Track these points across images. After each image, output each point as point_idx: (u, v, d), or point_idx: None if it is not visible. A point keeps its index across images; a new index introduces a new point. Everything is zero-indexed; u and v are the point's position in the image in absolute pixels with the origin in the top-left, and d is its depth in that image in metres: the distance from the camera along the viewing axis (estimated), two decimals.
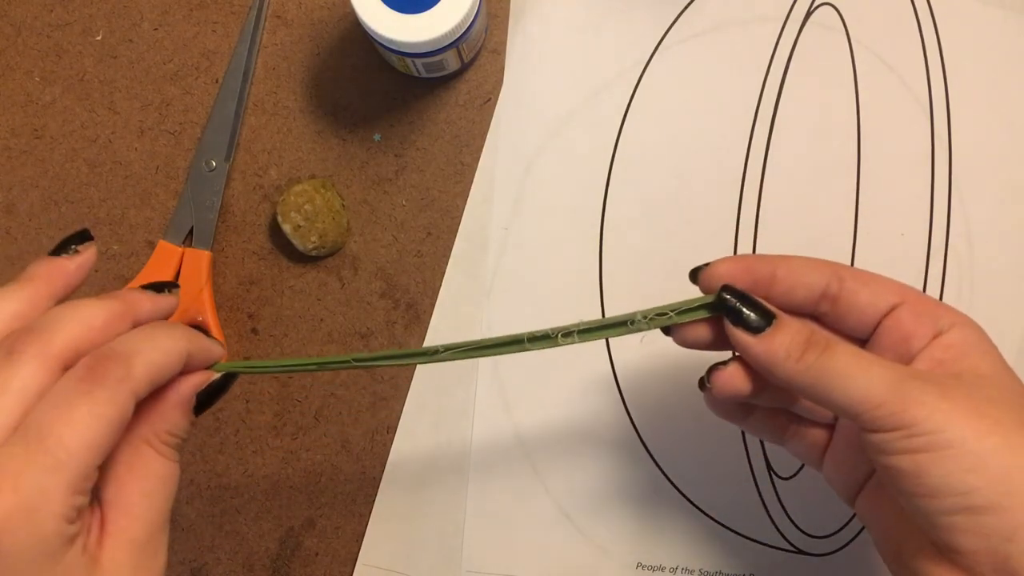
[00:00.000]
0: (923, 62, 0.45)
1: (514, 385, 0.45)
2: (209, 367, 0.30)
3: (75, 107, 0.46)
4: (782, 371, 0.29)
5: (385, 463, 0.45)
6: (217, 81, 0.46)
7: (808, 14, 0.46)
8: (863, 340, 0.32)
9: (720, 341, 0.32)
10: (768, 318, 0.30)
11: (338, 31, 0.46)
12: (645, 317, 0.31)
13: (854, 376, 0.28)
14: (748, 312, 0.30)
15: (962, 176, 0.45)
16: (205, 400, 0.30)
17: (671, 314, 0.31)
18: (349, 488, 0.45)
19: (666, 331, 0.33)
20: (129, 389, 0.26)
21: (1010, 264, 0.45)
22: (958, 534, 0.26)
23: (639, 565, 0.44)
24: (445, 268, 0.45)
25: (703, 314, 0.31)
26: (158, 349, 0.27)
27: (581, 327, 0.31)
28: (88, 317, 0.28)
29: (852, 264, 0.45)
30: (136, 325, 0.29)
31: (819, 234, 0.45)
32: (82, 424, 0.25)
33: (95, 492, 0.27)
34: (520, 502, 0.45)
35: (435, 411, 0.45)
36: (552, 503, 0.45)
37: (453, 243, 0.45)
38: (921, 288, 0.45)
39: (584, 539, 0.44)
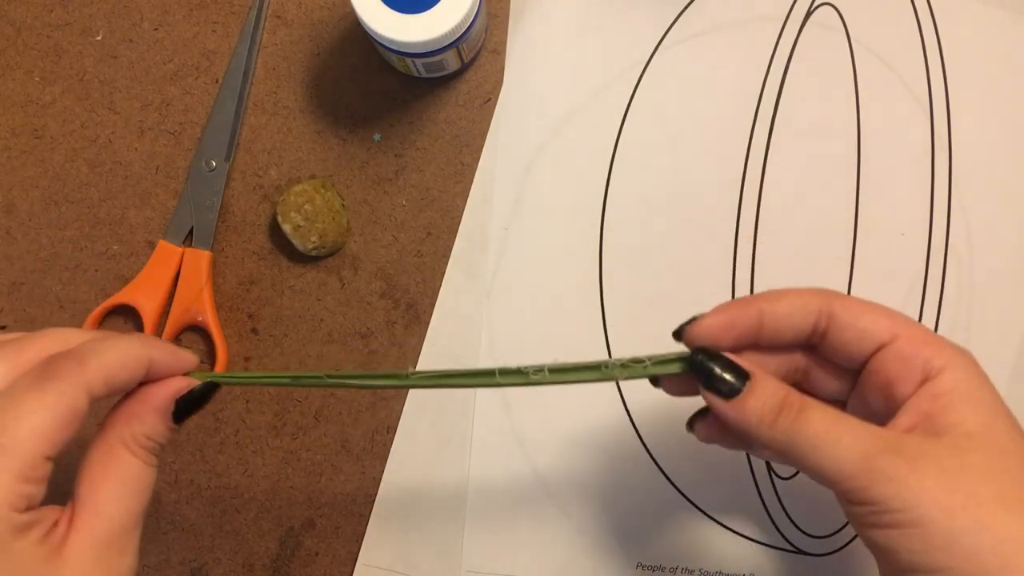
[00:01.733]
0: (923, 62, 0.45)
1: None
2: (186, 375, 0.31)
3: (75, 107, 0.46)
4: (756, 436, 0.29)
5: (385, 463, 0.45)
6: (217, 81, 0.46)
7: (808, 14, 0.45)
8: (857, 373, 0.31)
9: None
10: (741, 380, 0.29)
11: (338, 31, 0.46)
12: (620, 364, 0.30)
13: (825, 446, 0.27)
14: (720, 374, 0.29)
15: (962, 176, 0.45)
16: (185, 408, 0.31)
17: (647, 363, 0.30)
18: (349, 488, 0.45)
19: (654, 382, 0.33)
20: (81, 384, 0.27)
21: (1010, 264, 0.45)
22: None
23: (639, 565, 0.44)
24: (445, 268, 0.45)
25: (677, 368, 0.30)
26: (114, 350, 0.28)
27: (554, 367, 0.31)
28: (64, 334, 0.29)
29: (853, 266, 0.45)
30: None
31: (819, 234, 0.45)
32: (30, 414, 0.26)
33: (71, 490, 0.28)
34: (520, 502, 0.45)
35: (435, 411, 0.45)
36: (552, 503, 0.45)
37: (453, 243, 0.45)
38: (921, 288, 0.45)
39: (584, 539, 0.44)
